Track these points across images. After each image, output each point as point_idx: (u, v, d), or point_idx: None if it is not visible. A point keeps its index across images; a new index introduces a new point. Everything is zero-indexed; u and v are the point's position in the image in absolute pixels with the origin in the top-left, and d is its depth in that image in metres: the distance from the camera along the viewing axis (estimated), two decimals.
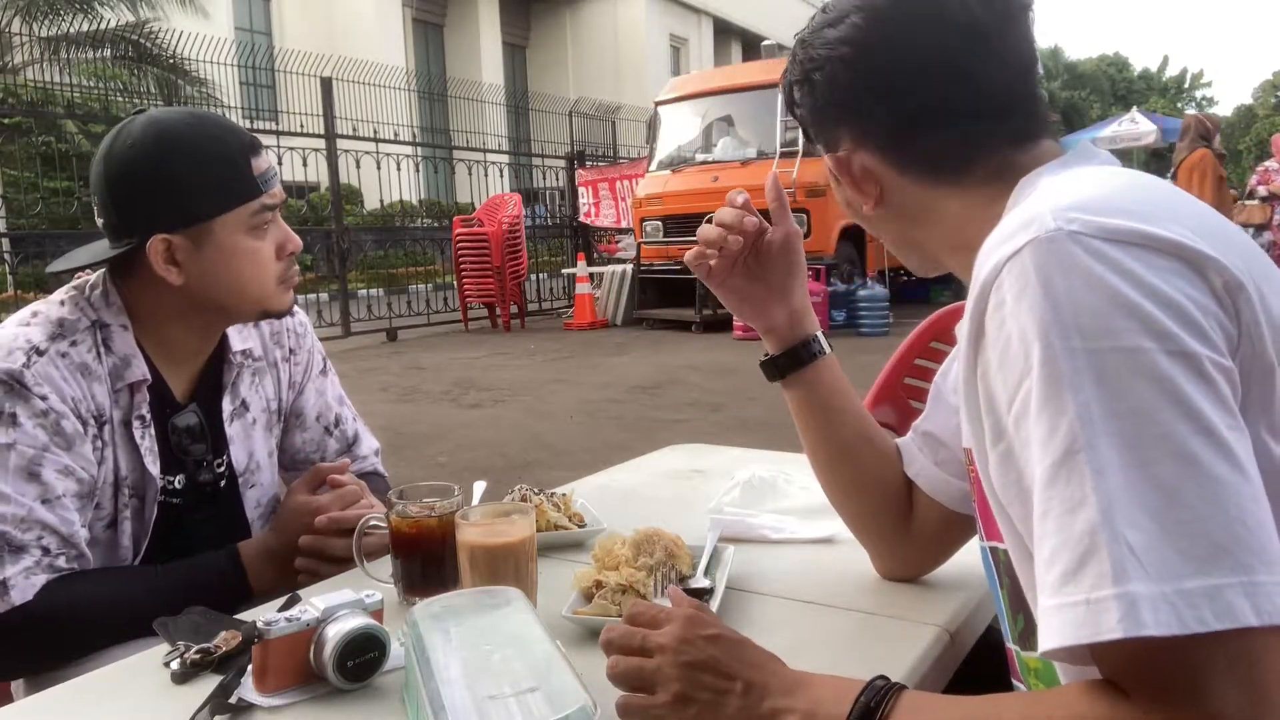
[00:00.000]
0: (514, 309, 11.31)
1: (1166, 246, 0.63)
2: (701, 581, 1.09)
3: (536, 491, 1.34)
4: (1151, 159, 19.28)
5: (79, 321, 1.25)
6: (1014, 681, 0.88)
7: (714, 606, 1.02)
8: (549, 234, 14.49)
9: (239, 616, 1.09)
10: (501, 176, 12.61)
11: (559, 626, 0.98)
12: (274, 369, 1.47)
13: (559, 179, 14.22)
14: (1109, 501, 0.58)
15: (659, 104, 11.89)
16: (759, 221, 1.07)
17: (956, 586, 1.11)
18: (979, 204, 0.82)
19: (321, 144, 10.37)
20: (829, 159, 0.90)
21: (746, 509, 1.39)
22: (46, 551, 1.16)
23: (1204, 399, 0.59)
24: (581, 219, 13.77)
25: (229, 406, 1.39)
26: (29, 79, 11.63)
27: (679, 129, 11.60)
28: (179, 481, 1.34)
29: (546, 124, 14.49)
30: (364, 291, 12.15)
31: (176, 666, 0.96)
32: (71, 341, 1.23)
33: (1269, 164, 9.41)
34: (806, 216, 9.32)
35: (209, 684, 0.93)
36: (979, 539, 0.87)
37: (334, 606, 0.92)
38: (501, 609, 0.89)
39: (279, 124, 11.28)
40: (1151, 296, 0.61)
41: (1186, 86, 44.35)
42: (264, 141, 1.34)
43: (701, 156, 11.19)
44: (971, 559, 1.10)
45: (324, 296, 11.58)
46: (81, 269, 1.34)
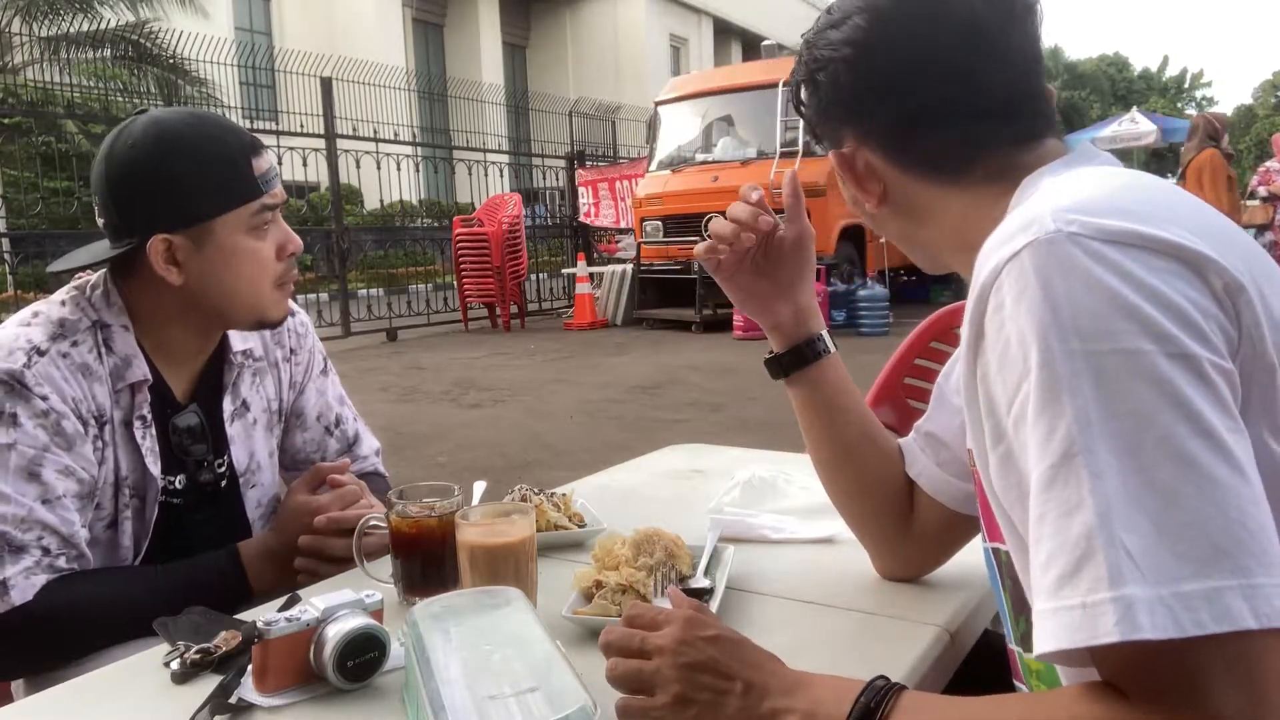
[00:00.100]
0: (514, 309, 11.31)
1: (1166, 248, 0.63)
2: (701, 581, 1.09)
3: (536, 491, 1.34)
4: (1151, 159, 19.27)
5: (80, 322, 1.25)
6: (1015, 682, 0.88)
7: (714, 606, 1.02)
8: (549, 234, 14.49)
9: (239, 616, 1.09)
10: (501, 176, 12.61)
11: (559, 626, 0.98)
12: (275, 369, 1.47)
13: (559, 179, 14.22)
14: (1106, 505, 0.58)
15: (659, 104, 11.89)
16: (774, 221, 1.07)
17: (956, 586, 1.11)
18: (981, 203, 0.82)
19: (321, 144, 10.37)
20: (834, 157, 0.90)
21: (746, 509, 1.39)
22: (47, 552, 1.16)
23: (1204, 401, 0.59)
24: (581, 219, 13.76)
25: (230, 407, 1.39)
26: (29, 79, 11.63)
27: (679, 129, 11.60)
28: (180, 482, 1.34)
29: (546, 124, 14.49)
30: (364, 291, 12.15)
31: (176, 666, 0.96)
32: (72, 342, 1.23)
33: (1270, 164, 9.40)
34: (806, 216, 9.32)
35: (209, 684, 0.93)
36: (982, 540, 0.87)
37: (334, 606, 0.92)
38: (501, 609, 0.89)
39: (279, 124, 11.27)
40: (1151, 298, 0.61)
41: (1186, 86, 44.35)
42: (264, 141, 1.33)
43: (701, 156, 11.20)
44: (972, 559, 1.10)
45: (324, 296, 11.58)
46: (82, 269, 1.34)
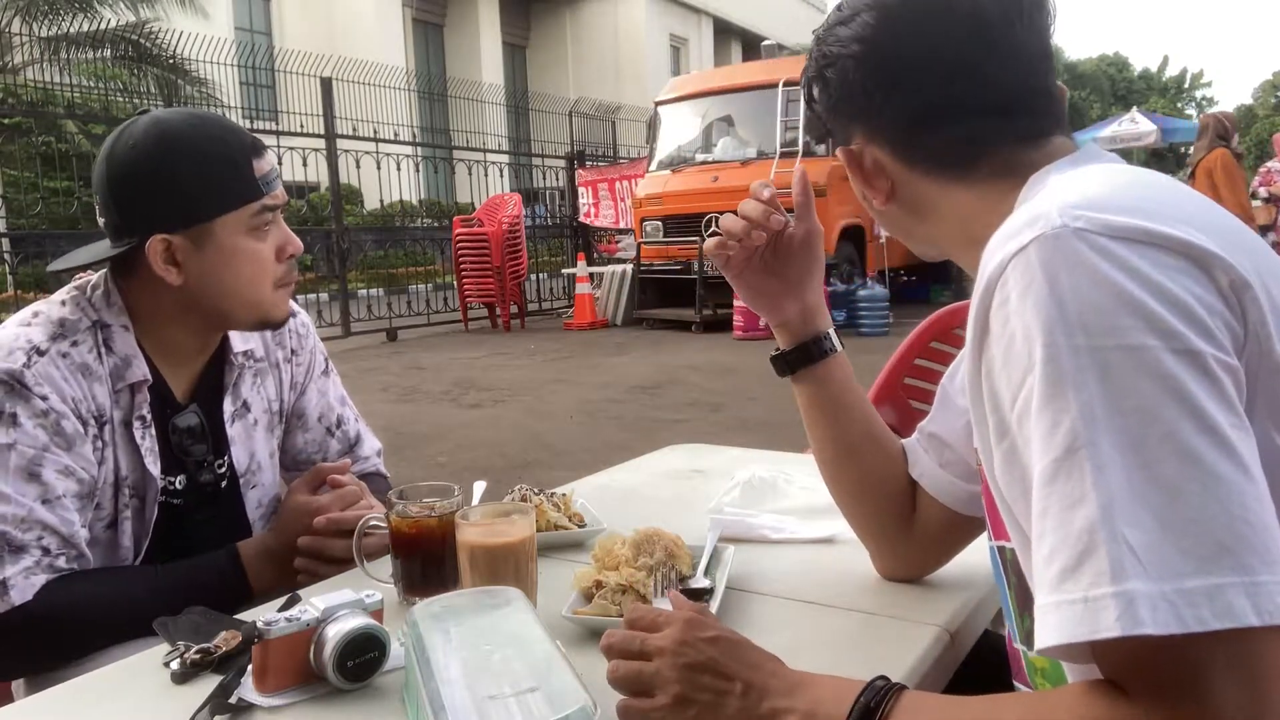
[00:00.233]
0: (514, 309, 11.32)
1: (1173, 244, 0.63)
2: (701, 581, 1.09)
3: (536, 491, 1.34)
4: (1151, 159, 19.27)
5: (80, 322, 1.25)
6: (1015, 683, 0.88)
7: (714, 606, 1.02)
8: (549, 234, 14.49)
9: (239, 616, 1.09)
10: (501, 176, 12.61)
11: (559, 626, 0.98)
12: (275, 370, 1.47)
13: (559, 179, 14.22)
14: (1109, 499, 0.58)
15: (659, 104, 11.89)
16: (785, 220, 1.07)
17: (956, 586, 1.11)
18: (988, 200, 0.82)
19: (321, 144, 10.37)
20: (842, 154, 0.91)
21: (746, 509, 1.39)
22: (46, 551, 1.16)
23: (1208, 398, 0.59)
24: (581, 219, 13.77)
25: (230, 407, 1.39)
26: (29, 79, 11.62)
27: (679, 129, 11.60)
28: (180, 482, 1.34)
29: (546, 124, 14.49)
30: (364, 291, 12.15)
31: (176, 666, 0.96)
32: (72, 342, 1.23)
33: (1271, 164, 9.37)
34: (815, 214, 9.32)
35: (209, 684, 0.93)
36: (988, 538, 0.87)
37: (334, 606, 0.92)
38: (501, 609, 0.89)
39: (279, 124, 11.27)
40: (1157, 294, 0.61)
41: (1186, 86, 44.34)
42: (264, 141, 1.34)
43: (701, 156, 11.20)
44: (972, 559, 1.11)
45: (324, 296, 11.57)
46: (83, 268, 1.34)
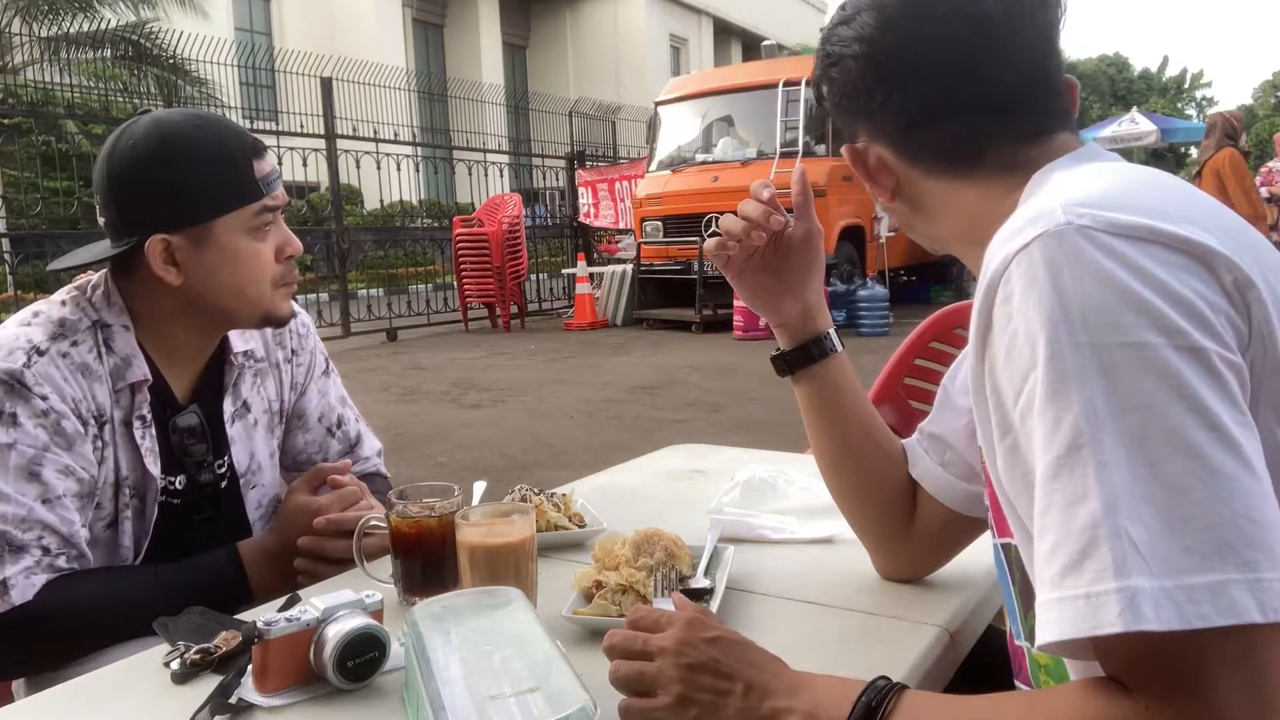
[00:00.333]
0: (514, 309, 11.31)
1: (1176, 243, 0.63)
2: (701, 582, 1.09)
3: (536, 491, 1.34)
4: (1151, 159, 19.25)
5: (80, 321, 1.25)
6: (1016, 682, 0.88)
7: (714, 607, 1.02)
8: (549, 234, 14.48)
9: (239, 616, 1.09)
10: (501, 176, 12.61)
11: (559, 626, 0.98)
12: (276, 370, 1.47)
13: (559, 179, 14.22)
14: (1113, 496, 0.58)
15: (659, 104, 11.90)
16: (785, 221, 1.07)
17: (956, 586, 1.11)
18: (990, 198, 0.82)
19: (321, 144, 10.37)
20: (846, 152, 0.92)
21: (746, 509, 1.39)
22: (47, 551, 1.16)
23: (1212, 395, 0.59)
24: (581, 219, 13.77)
25: (230, 407, 1.39)
26: (29, 79, 11.61)
27: (679, 129, 11.61)
28: (180, 482, 1.34)
29: (546, 124, 14.49)
30: (364, 291, 12.15)
31: (176, 666, 0.96)
32: (72, 341, 1.23)
33: (1272, 164, 9.36)
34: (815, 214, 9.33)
35: (209, 684, 0.93)
36: (991, 536, 0.87)
37: (334, 606, 0.92)
38: (501, 609, 0.89)
39: (279, 124, 11.27)
40: (1160, 292, 0.61)
41: (1186, 86, 44.26)
42: (264, 142, 1.33)
43: (701, 156, 11.20)
44: (972, 559, 1.11)
45: (324, 296, 11.57)
46: (83, 268, 1.34)
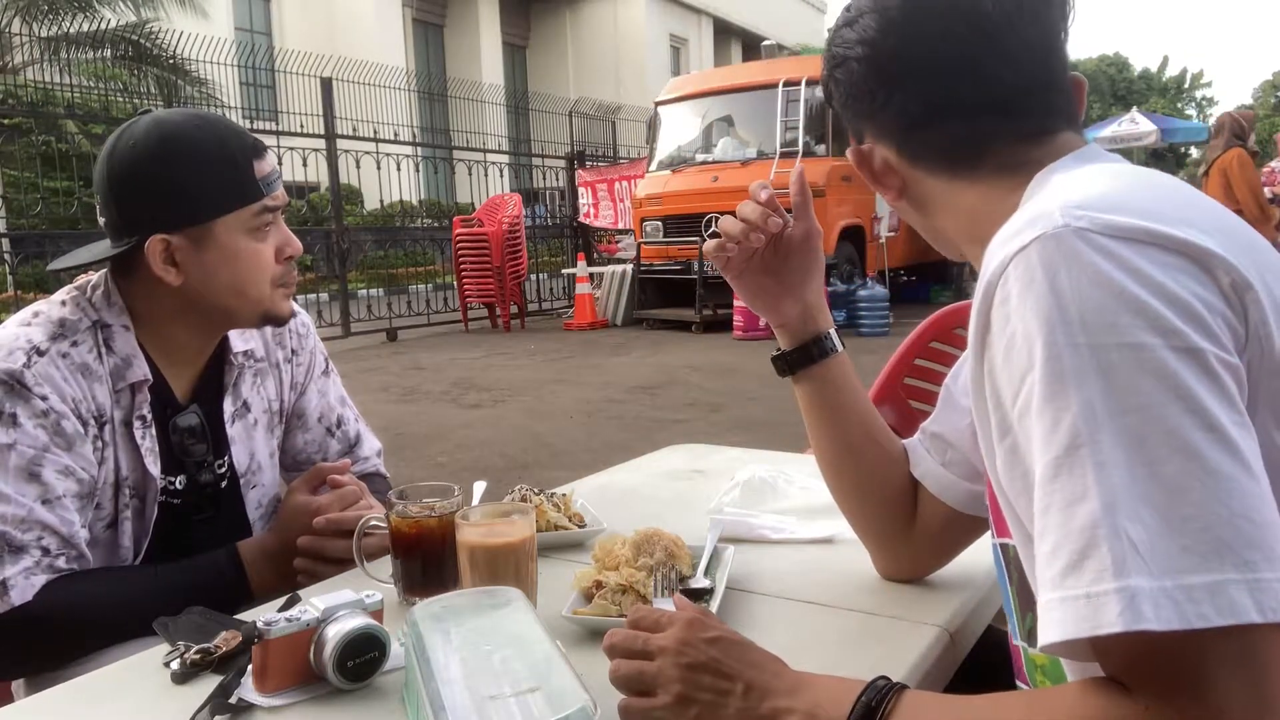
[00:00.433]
0: (514, 309, 11.31)
1: (1174, 244, 0.63)
2: (702, 582, 1.09)
3: (536, 491, 1.34)
4: (1151, 159, 19.25)
5: (80, 322, 1.25)
6: (1016, 682, 0.88)
7: (714, 607, 1.02)
8: (549, 234, 14.48)
9: (239, 616, 1.09)
10: (501, 176, 12.61)
11: (559, 626, 0.98)
12: (276, 370, 1.47)
13: (559, 179, 14.22)
14: (1112, 496, 0.58)
15: (659, 104, 11.90)
16: (782, 223, 1.07)
17: (956, 586, 1.11)
18: (992, 198, 0.82)
19: (321, 144, 10.37)
20: (852, 153, 0.93)
21: (746, 509, 1.39)
22: (46, 552, 1.16)
23: (1209, 395, 0.59)
24: (581, 219, 13.77)
25: (230, 407, 1.39)
26: (29, 79, 11.61)
27: (679, 129, 11.61)
28: (180, 482, 1.33)
29: (546, 124, 14.49)
30: (364, 291, 12.15)
31: (176, 666, 0.96)
32: (72, 342, 1.23)
33: (1275, 164, 9.33)
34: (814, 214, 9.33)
35: (209, 684, 0.93)
36: (991, 536, 0.87)
37: (334, 606, 0.92)
38: (501, 609, 0.89)
39: (279, 124, 11.26)
40: (1158, 293, 0.61)
41: (1186, 86, 44.25)
42: (264, 142, 1.34)
43: (701, 156, 11.20)
44: (972, 559, 1.11)
45: (324, 296, 11.57)
46: (83, 268, 1.34)
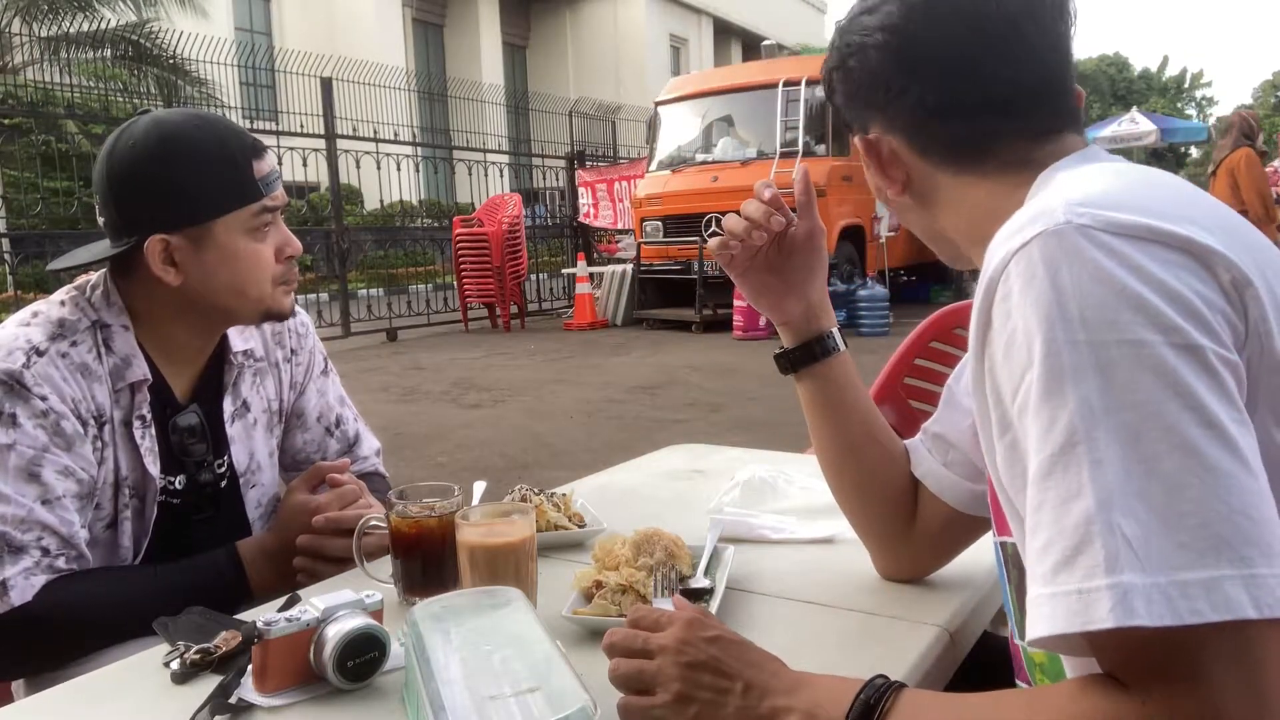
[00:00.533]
0: (514, 309, 11.31)
1: (1175, 241, 0.63)
2: (701, 581, 1.09)
3: (536, 491, 1.34)
4: (1151, 159, 19.25)
5: (79, 321, 1.25)
6: (1017, 681, 0.88)
7: (714, 607, 1.02)
8: (549, 234, 14.48)
9: (239, 616, 1.09)
10: (501, 176, 12.61)
11: (559, 626, 0.98)
12: (275, 369, 1.47)
13: (559, 179, 14.22)
14: (1106, 493, 0.58)
15: (659, 104, 11.90)
16: (786, 222, 1.07)
17: (956, 586, 1.11)
18: (997, 195, 0.82)
19: (321, 144, 10.37)
20: (860, 143, 0.92)
21: (746, 509, 1.39)
22: (46, 552, 1.16)
23: (1208, 392, 0.59)
24: (581, 219, 13.77)
25: (230, 407, 1.39)
26: (29, 79, 11.61)
27: (679, 129, 11.61)
28: (180, 482, 1.33)
29: (546, 124, 14.49)
30: (364, 291, 12.15)
31: (176, 666, 0.96)
32: (72, 342, 1.23)
33: (1277, 164, 9.32)
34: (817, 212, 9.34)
35: (209, 684, 0.93)
36: (992, 535, 0.87)
37: (334, 606, 0.92)
38: (501, 609, 0.89)
39: (279, 124, 11.26)
40: (1158, 290, 0.61)
41: (1186, 86, 44.23)
42: (264, 142, 1.33)
43: (701, 156, 11.20)
44: (972, 559, 1.11)
45: (324, 296, 11.57)
46: (82, 268, 1.34)
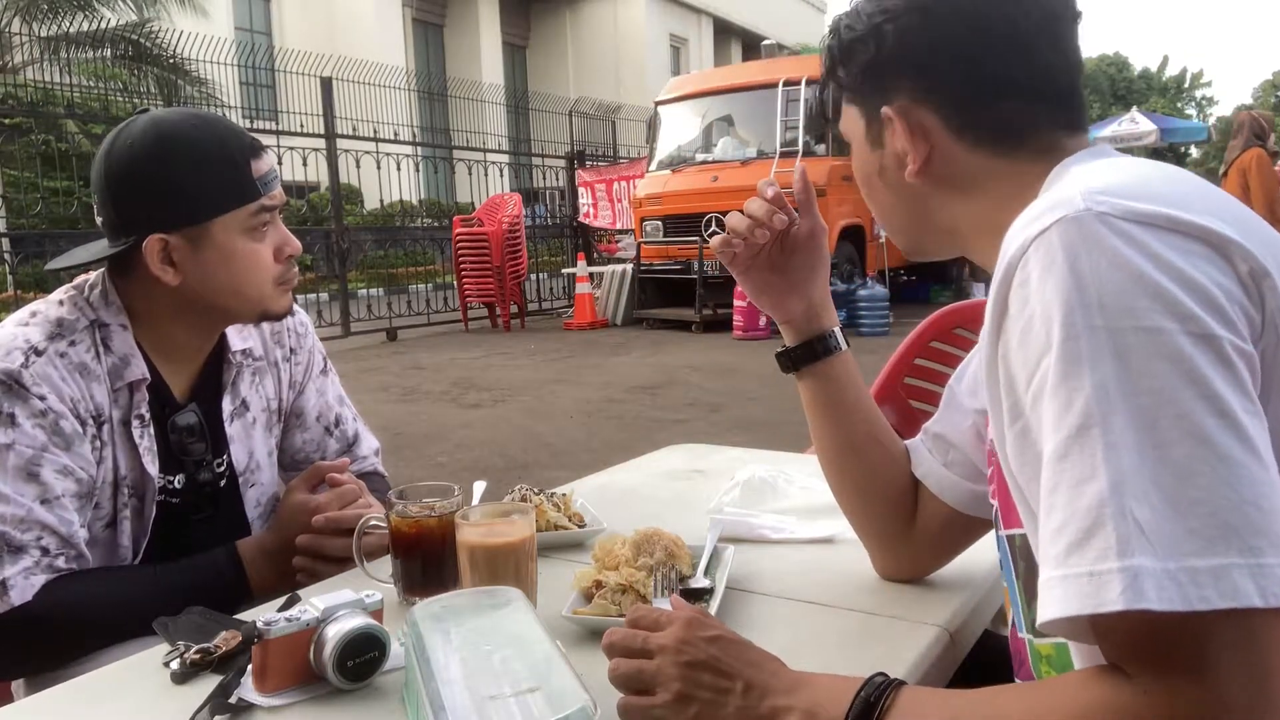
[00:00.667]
0: (514, 309, 11.31)
1: (1194, 231, 0.64)
2: (701, 581, 1.09)
3: (536, 491, 1.34)
4: (1151, 159, 19.25)
5: (78, 321, 1.25)
6: (1017, 679, 0.88)
7: (714, 607, 1.02)
8: (549, 234, 14.48)
9: (239, 616, 1.09)
10: (501, 176, 12.61)
11: (559, 626, 0.98)
12: (274, 368, 1.47)
13: (559, 179, 14.22)
14: (1120, 477, 0.59)
15: (659, 104, 11.90)
16: (788, 220, 1.07)
17: (956, 586, 1.11)
18: (1022, 184, 0.81)
19: (321, 144, 10.37)
20: (894, 110, 0.86)
21: (746, 509, 1.39)
22: (46, 552, 1.16)
23: (1223, 382, 0.60)
24: (581, 219, 13.77)
25: (229, 406, 1.39)
26: (29, 79, 11.61)
27: (679, 129, 11.61)
28: (179, 481, 1.33)
29: (546, 124, 14.49)
30: (364, 291, 12.15)
31: (176, 666, 0.96)
32: (70, 341, 1.23)
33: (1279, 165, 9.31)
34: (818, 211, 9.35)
35: (209, 684, 0.93)
36: (997, 530, 0.87)
37: (334, 606, 0.92)
38: (501, 609, 0.89)
39: (279, 124, 11.27)
40: (1176, 278, 0.62)
41: (1186, 86, 44.22)
42: (264, 141, 1.33)
43: (701, 156, 11.20)
44: (972, 559, 1.11)
45: (324, 296, 11.57)
46: (81, 267, 1.34)
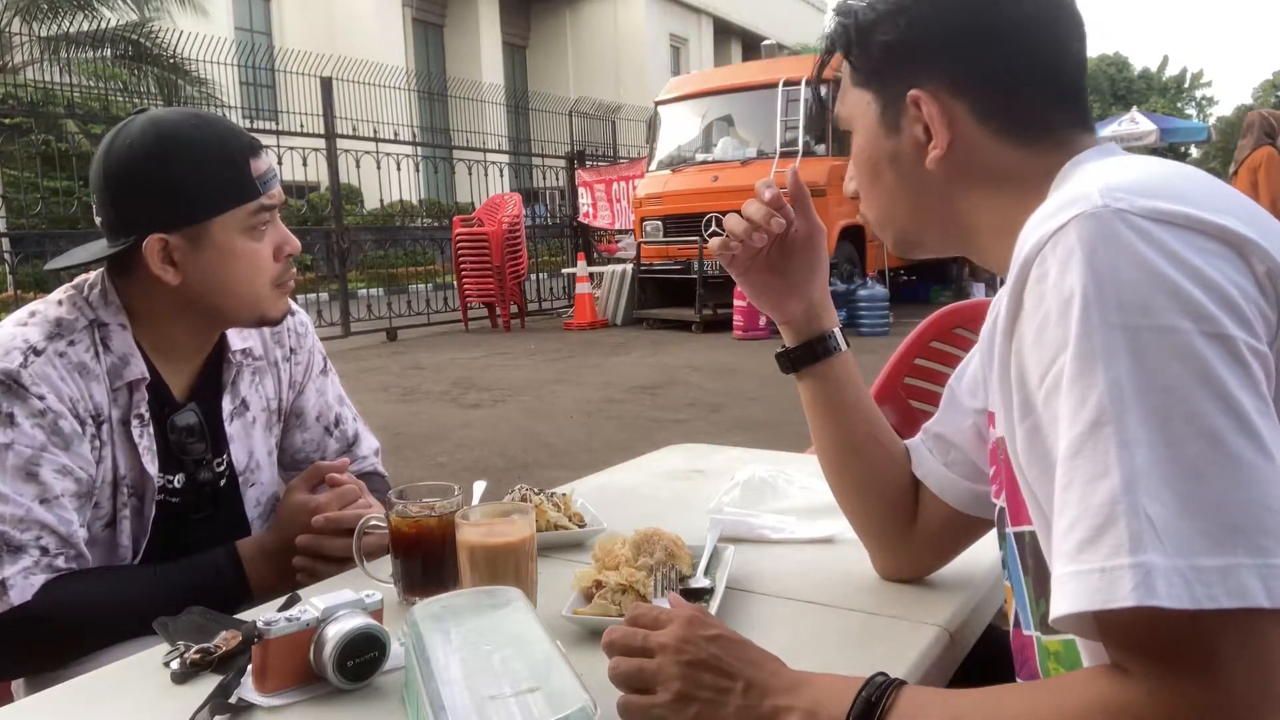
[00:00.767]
0: (514, 309, 11.32)
1: (1211, 230, 0.64)
2: (701, 581, 1.09)
3: (536, 491, 1.34)
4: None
5: (77, 321, 1.25)
6: (1019, 678, 0.87)
7: (714, 607, 1.02)
8: (549, 234, 14.49)
9: (239, 616, 1.09)
10: (501, 176, 12.62)
11: (559, 626, 0.98)
12: (274, 368, 1.47)
13: (559, 179, 14.22)
14: (1132, 474, 0.59)
15: (659, 104, 11.90)
16: (785, 223, 1.06)
17: (956, 586, 1.11)
18: (1039, 175, 0.81)
19: (321, 144, 10.37)
20: (923, 94, 0.84)
21: (746, 509, 1.39)
22: (45, 551, 1.16)
23: (1237, 383, 0.60)
24: (581, 219, 13.78)
25: (229, 405, 1.39)
26: (29, 79, 11.61)
27: (679, 129, 11.61)
28: (178, 481, 1.33)
29: (546, 124, 14.49)
30: (364, 291, 12.15)
31: (176, 666, 0.96)
32: (69, 341, 1.23)
33: None
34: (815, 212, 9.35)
35: (209, 684, 0.93)
36: (1005, 527, 0.86)
37: (334, 606, 0.92)
38: (501, 609, 0.89)
39: (279, 124, 11.27)
40: (1193, 278, 0.62)
41: (1186, 86, 44.21)
42: (264, 141, 1.33)
43: (701, 156, 11.21)
44: (972, 559, 1.11)
45: (324, 296, 11.57)
46: (81, 267, 1.34)
